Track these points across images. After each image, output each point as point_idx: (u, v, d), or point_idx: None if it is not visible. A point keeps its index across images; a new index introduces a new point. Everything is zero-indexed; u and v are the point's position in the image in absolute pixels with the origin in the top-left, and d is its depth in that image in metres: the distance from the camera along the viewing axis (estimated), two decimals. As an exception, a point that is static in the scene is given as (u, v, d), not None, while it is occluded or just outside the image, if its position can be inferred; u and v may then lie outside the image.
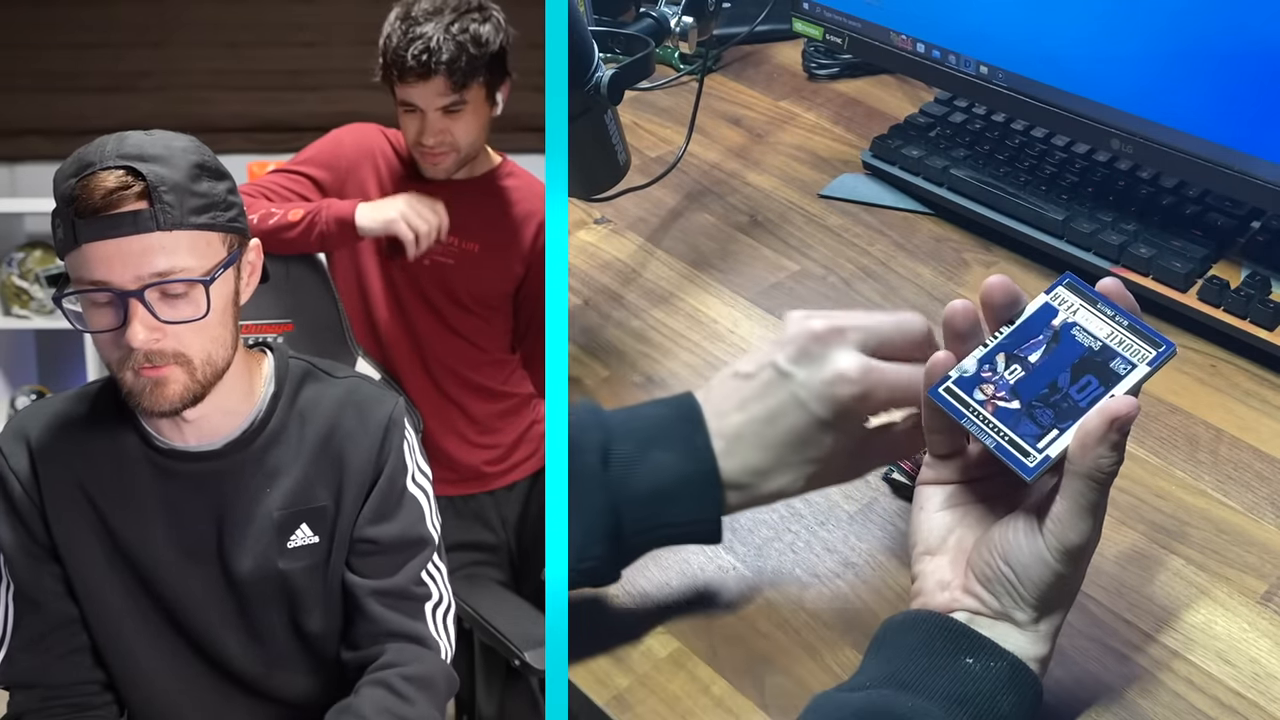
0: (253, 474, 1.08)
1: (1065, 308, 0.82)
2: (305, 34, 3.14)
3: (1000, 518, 0.81)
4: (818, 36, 1.46)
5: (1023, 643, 0.78)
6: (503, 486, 1.73)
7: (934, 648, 0.77)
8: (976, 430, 0.79)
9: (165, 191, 0.95)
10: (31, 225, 3.21)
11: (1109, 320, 0.81)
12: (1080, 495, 0.75)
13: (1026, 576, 0.77)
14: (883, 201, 1.41)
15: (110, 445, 1.08)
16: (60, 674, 1.09)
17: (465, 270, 1.64)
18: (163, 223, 0.95)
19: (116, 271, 0.95)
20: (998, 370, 0.81)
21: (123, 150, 0.96)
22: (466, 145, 1.58)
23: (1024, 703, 0.76)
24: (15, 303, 3.07)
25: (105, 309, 0.98)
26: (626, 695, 0.89)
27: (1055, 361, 0.80)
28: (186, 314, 0.98)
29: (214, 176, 1.01)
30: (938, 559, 0.82)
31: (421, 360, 1.66)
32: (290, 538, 1.08)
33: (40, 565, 1.08)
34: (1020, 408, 0.79)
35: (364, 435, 1.10)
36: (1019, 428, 0.78)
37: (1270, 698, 0.86)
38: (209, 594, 1.09)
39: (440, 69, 1.49)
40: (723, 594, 0.96)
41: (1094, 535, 0.77)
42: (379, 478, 1.10)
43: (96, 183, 0.94)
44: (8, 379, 3.17)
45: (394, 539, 1.11)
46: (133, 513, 1.07)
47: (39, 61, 3.16)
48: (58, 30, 3.15)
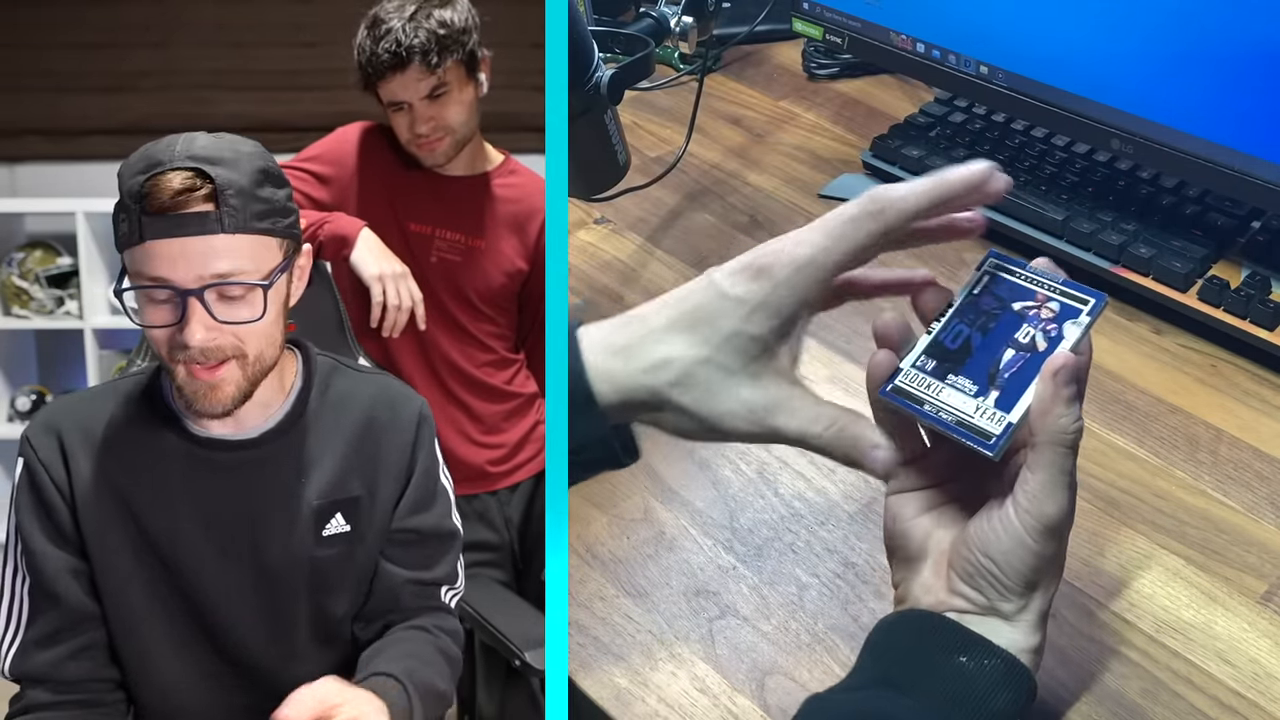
0: (287, 463, 1.11)
1: (994, 282, 0.82)
2: (305, 34, 3.15)
3: (974, 512, 0.80)
4: (818, 36, 1.46)
5: (1014, 636, 0.77)
6: (506, 486, 1.74)
7: (927, 647, 0.77)
8: (933, 420, 0.79)
9: (232, 195, 0.98)
10: (31, 225, 3.21)
11: (1039, 285, 0.81)
12: (1050, 464, 0.75)
13: (1008, 564, 0.76)
14: (883, 201, 1.41)
15: (143, 438, 1.09)
16: (73, 670, 1.09)
17: (471, 267, 1.65)
18: (227, 226, 0.98)
19: (179, 270, 0.98)
20: (942, 356, 0.81)
21: (192, 151, 0.99)
22: (458, 126, 1.60)
23: (1018, 699, 0.76)
24: (15, 303, 3.07)
25: (163, 306, 1.00)
26: (626, 695, 0.89)
27: (996, 336, 0.80)
28: (243, 315, 1.01)
29: (276, 183, 1.04)
30: (919, 566, 0.81)
31: (426, 359, 1.66)
32: (325, 526, 1.11)
33: (65, 560, 1.08)
34: (971, 389, 0.79)
35: (397, 430, 1.15)
36: (973, 409, 0.78)
37: (1270, 698, 0.86)
38: (235, 584, 1.10)
39: (414, 56, 1.53)
40: (723, 594, 0.96)
41: (1069, 508, 0.76)
42: (414, 470, 1.15)
43: (166, 182, 0.97)
44: (8, 379, 3.17)
45: (431, 528, 1.18)
46: (162, 505, 1.09)
47: (41, 61, 3.16)
48: (59, 30, 3.15)
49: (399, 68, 1.54)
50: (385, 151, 1.65)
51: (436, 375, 1.67)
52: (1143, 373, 1.15)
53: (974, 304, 0.82)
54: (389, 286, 1.52)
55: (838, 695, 0.77)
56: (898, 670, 0.76)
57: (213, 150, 1.00)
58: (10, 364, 3.19)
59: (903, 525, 0.82)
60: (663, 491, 1.05)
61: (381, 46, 1.53)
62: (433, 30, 1.54)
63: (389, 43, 1.53)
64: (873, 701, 0.74)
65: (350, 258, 1.52)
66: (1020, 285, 0.82)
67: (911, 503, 0.83)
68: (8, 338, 3.15)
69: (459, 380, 1.68)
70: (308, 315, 1.51)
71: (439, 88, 1.56)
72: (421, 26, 1.53)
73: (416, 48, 1.53)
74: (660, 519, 1.03)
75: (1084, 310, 0.79)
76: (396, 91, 1.56)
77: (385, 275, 1.52)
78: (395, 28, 1.53)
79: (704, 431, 0.81)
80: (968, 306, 0.82)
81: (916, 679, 0.75)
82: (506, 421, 1.73)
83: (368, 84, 1.59)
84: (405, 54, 1.53)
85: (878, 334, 0.82)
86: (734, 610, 0.95)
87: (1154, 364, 1.16)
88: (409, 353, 1.65)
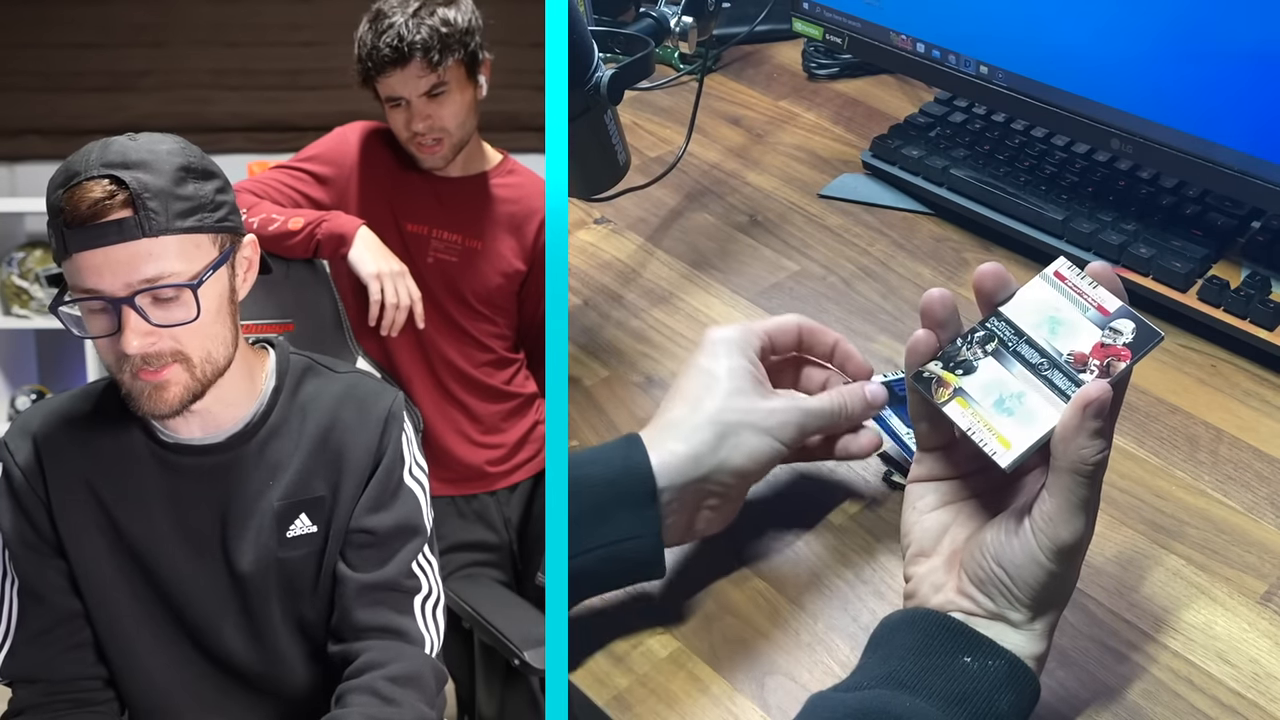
0: (255, 466, 1.09)
1: (1054, 293, 0.81)
2: (305, 34, 3.14)
3: (992, 515, 0.80)
4: (818, 36, 1.46)
5: (1020, 641, 0.77)
6: (505, 487, 1.73)
7: (931, 647, 0.77)
8: (955, 414, 0.78)
9: (149, 198, 0.96)
10: (31, 225, 3.21)
11: (1095, 305, 0.80)
12: (1068, 490, 0.74)
13: (1019, 577, 0.76)
14: (883, 201, 1.41)
15: (115, 441, 1.09)
16: (63, 668, 1.10)
17: (468, 267, 1.64)
18: (148, 229, 0.96)
19: (107, 280, 0.97)
20: (980, 355, 0.80)
21: (106, 158, 0.97)
22: (456, 128, 1.59)
23: (1022, 700, 0.76)
24: (15, 303, 3.07)
25: (101, 315, 0.99)
26: (626, 695, 0.89)
27: (1039, 349, 0.79)
28: (179, 317, 0.99)
29: (200, 177, 1.01)
30: (931, 560, 0.82)
31: (425, 359, 1.66)
32: (290, 527, 1.09)
33: (45, 560, 1.09)
34: (1002, 395, 0.78)
35: (363, 428, 1.11)
36: (999, 416, 0.77)
37: (1270, 698, 0.86)
38: (212, 587, 1.10)
39: (415, 53, 1.53)
40: (722, 594, 0.96)
41: (1086, 532, 0.76)
42: (377, 468, 1.11)
43: (82, 193, 0.95)
44: (8, 379, 3.17)
45: (389, 529, 1.11)
46: (137, 507, 1.08)
47: (39, 61, 3.16)
48: (58, 29, 3.15)
49: (399, 63, 1.53)
50: (384, 152, 1.65)
51: (435, 375, 1.67)
52: (1143, 373, 1.15)
53: (1027, 309, 0.81)
54: (387, 284, 1.52)
55: (840, 693, 0.77)
56: (902, 669, 0.76)
57: (128, 154, 0.98)
58: (10, 364, 3.19)
59: (920, 516, 0.82)
60: (663, 491, 1.05)
61: (383, 41, 1.53)
62: (435, 28, 1.53)
63: (391, 37, 1.52)
64: (874, 700, 0.74)
65: (348, 256, 1.51)
66: (1077, 300, 0.80)
67: (932, 493, 0.83)
68: (8, 338, 3.15)
69: (458, 380, 1.68)
70: (307, 315, 1.51)
71: (438, 86, 1.56)
72: (424, 23, 1.53)
73: (418, 44, 1.52)
74: (660, 519, 1.03)
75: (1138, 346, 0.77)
76: (395, 87, 1.56)
77: (384, 273, 1.52)
78: (398, 23, 1.53)
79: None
80: (1020, 310, 0.81)
81: (920, 677, 0.75)
82: (506, 421, 1.73)
83: (367, 78, 1.58)
84: (407, 49, 1.52)
85: (924, 307, 0.82)
86: (734, 610, 0.95)
87: (1154, 364, 1.16)
88: (408, 353, 1.65)
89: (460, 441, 1.69)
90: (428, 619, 1.13)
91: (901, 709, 0.73)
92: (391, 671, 1.07)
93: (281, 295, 1.48)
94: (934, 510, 0.82)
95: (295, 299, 1.50)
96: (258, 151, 3.05)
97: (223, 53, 3.19)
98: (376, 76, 1.56)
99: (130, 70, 3.18)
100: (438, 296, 1.64)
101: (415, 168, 1.64)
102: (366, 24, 1.57)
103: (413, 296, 1.54)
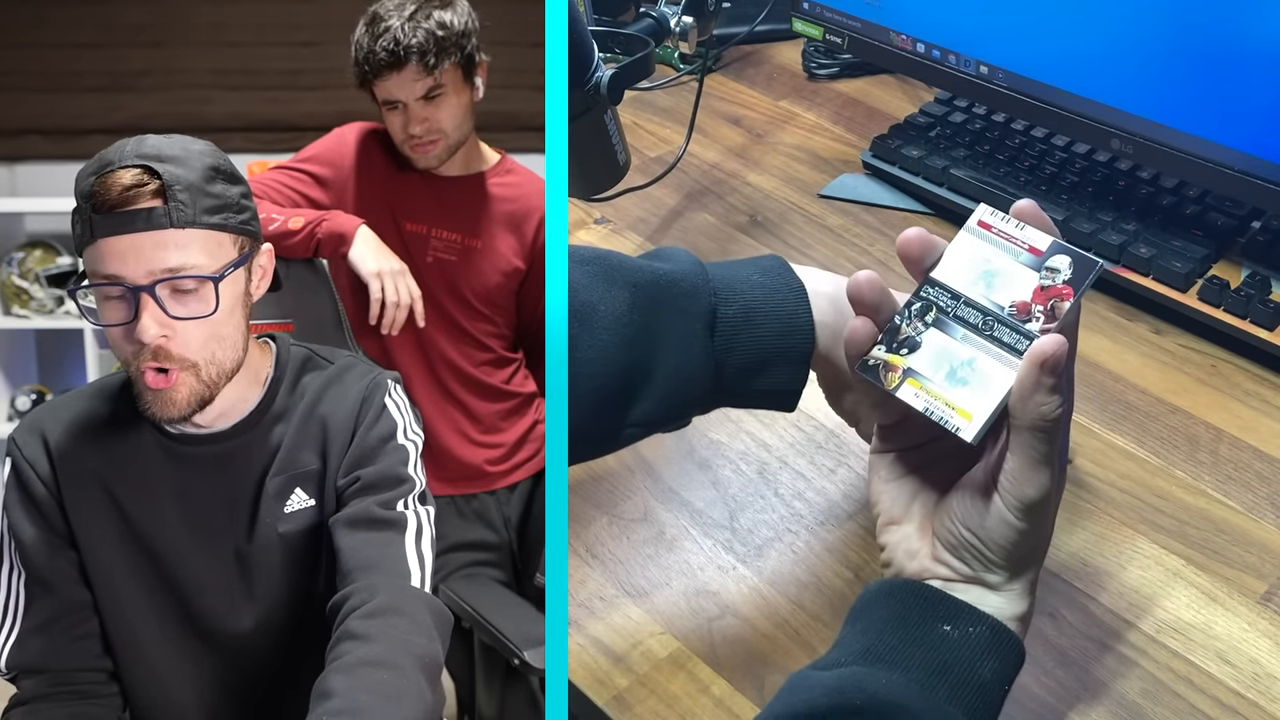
0: (258, 453, 1.11)
1: (983, 244, 0.78)
2: (305, 34, 3.15)
3: (960, 476, 0.77)
4: (818, 36, 1.46)
5: (1000, 603, 0.75)
6: (505, 486, 1.73)
7: (909, 618, 0.74)
8: (910, 398, 0.75)
9: (180, 190, 0.99)
10: (31, 225, 3.21)
11: (1023, 246, 0.76)
12: (1029, 448, 0.72)
13: (990, 539, 0.74)
14: (883, 201, 1.41)
15: (124, 435, 1.11)
16: (69, 658, 1.11)
17: (468, 266, 1.65)
18: (176, 220, 0.99)
19: (130, 266, 0.99)
20: (922, 329, 0.77)
21: (141, 150, 1.00)
22: (452, 130, 1.59)
23: (1005, 665, 0.74)
24: (15, 303, 3.07)
25: (118, 303, 1.01)
26: (626, 695, 0.89)
27: (979, 307, 0.76)
28: (196, 310, 1.01)
29: (228, 180, 1.04)
30: (904, 528, 0.79)
31: (425, 358, 1.66)
32: (286, 503, 1.11)
33: (56, 550, 1.10)
34: (952, 366, 0.75)
35: (345, 398, 1.13)
36: (954, 389, 0.74)
37: (1270, 698, 0.86)
38: (219, 575, 1.11)
39: (411, 56, 1.53)
40: (723, 594, 0.96)
41: (1053, 487, 0.73)
42: (358, 427, 1.12)
43: (114, 180, 0.98)
44: (8, 379, 3.17)
45: (375, 477, 1.10)
46: (146, 497, 1.10)
47: (39, 61, 3.16)
48: (57, 30, 3.15)
49: (396, 67, 1.54)
50: (382, 152, 1.65)
51: (435, 374, 1.67)
52: (1143, 373, 1.15)
53: (960, 270, 0.77)
54: (387, 283, 1.52)
55: (818, 671, 0.74)
56: (880, 642, 0.74)
57: (162, 148, 1.01)
58: (10, 364, 3.19)
59: (885, 484, 0.80)
60: (663, 491, 1.05)
61: (379, 44, 1.53)
62: (431, 31, 1.53)
63: (387, 41, 1.53)
64: (851, 677, 0.72)
65: (348, 255, 1.52)
66: (1009, 248, 0.76)
67: (897, 462, 0.80)
68: (8, 337, 3.15)
69: (457, 379, 1.68)
70: (307, 314, 1.51)
71: (435, 89, 1.56)
72: (421, 27, 1.53)
73: (414, 48, 1.52)
74: (660, 519, 1.03)
75: (1079, 280, 0.73)
76: (392, 90, 1.56)
77: (383, 272, 1.52)
78: (394, 26, 1.53)
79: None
80: (953, 272, 0.77)
81: (899, 650, 0.73)
82: (505, 421, 1.73)
83: (363, 81, 1.58)
84: (403, 53, 1.52)
85: (851, 294, 0.79)
86: (734, 610, 0.95)
87: (1154, 364, 1.16)
88: (407, 352, 1.65)
89: (460, 441, 1.69)
90: (416, 553, 1.09)
91: (878, 686, 0.71)
92: (368, 608, 1.01)
93: (281, 295, 1.48)
94: (901, 477, 0.80)
95: (295, 299, 1.51)
96: (257, 151, 3.05)
97: (223, 53, 3.19)
98: (373, 80, 1.56)
99: (129, 70, 3.18)
100: (437, 296, 1.64)
101: (414, 168, 1.64)
102: (363, 27, 1.57)
103: (413, 295, 1.54)
